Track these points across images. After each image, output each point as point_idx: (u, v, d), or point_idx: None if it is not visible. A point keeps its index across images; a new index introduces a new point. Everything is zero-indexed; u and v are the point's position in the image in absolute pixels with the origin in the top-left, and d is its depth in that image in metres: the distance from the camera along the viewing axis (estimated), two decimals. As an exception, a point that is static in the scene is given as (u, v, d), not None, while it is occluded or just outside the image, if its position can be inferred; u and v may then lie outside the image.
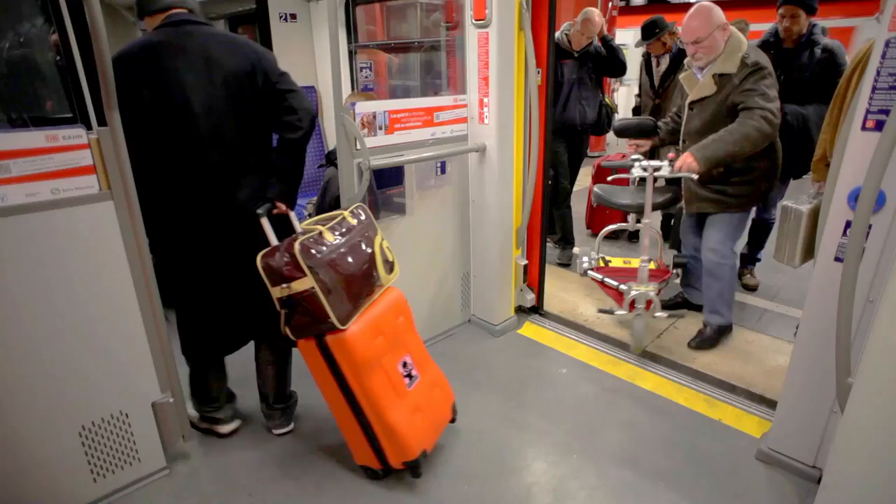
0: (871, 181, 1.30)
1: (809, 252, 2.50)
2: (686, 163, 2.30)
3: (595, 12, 3.47)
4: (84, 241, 1.61)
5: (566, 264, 3.84)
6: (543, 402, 2.34)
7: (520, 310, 3.09)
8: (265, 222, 1.82)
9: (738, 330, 2.83)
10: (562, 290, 3.41)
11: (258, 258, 1.71)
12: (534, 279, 3.11)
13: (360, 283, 1.77)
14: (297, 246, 1.65)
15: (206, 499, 1.87)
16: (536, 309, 3.13)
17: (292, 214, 1.93)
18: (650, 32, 3.49)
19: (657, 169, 2.45)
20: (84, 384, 1.70)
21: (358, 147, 2.15)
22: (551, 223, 3.81)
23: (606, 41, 3.64)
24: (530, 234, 2.97)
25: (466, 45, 2.58)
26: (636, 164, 2.50)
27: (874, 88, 1.49)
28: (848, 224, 1.59)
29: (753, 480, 1.91)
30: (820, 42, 2.89)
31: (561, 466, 1.99)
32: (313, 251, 1.67)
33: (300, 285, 1.66)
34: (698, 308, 2.92)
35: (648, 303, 2.61)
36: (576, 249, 3.89)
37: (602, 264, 3.01)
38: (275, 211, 1.88)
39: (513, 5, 2.45)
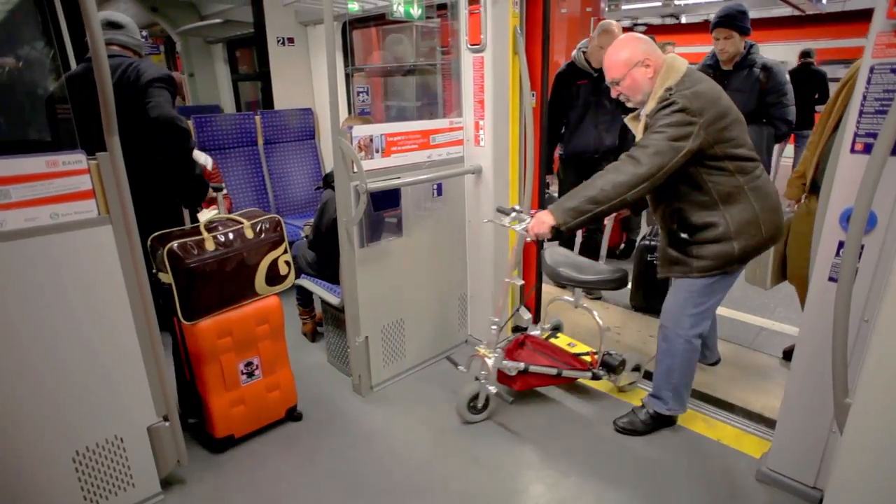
0: (862, 202, 1.33)
1: (781, 272, 2.48)
2: (537, 222, 1.90)
3: (614, 24, 3.17)
4: (82, 265, 1.61)
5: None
6: (540, 423, 2.33)
7: (517, 330, 3.09)
8: None
9: (735, 349, 2.84)
10: (560, 310, 3.41)
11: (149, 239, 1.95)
12: (531, 299, 3.12)
13: (222, 289, 2.03)
14: (172, 245, 1.89)
15: (200, 526, 1.84)
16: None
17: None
18: None
19: (520, 222, 2.06)
20: (80, 408, 1.69)
21: (355, 170, 2.17)
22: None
23: None
24: (527, 255, 2.99)
25: (462, 68, 2.63)
26: (513, 213, 2.13)
27: (861, 113, 1.52)
28: (841, 244, 1.61)
29: (754, 502, 1.89)
30: (758, 62, 2.95)
31: (560, 489, 1.97)
32: (181, 255, 1.91)
33: (164, 278, 1.94)
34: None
35: (500, 374, 2.30)
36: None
37: (545, 337, 2.66)
38: None
39: (507, 30, 2.50)
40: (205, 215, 2.99)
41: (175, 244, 1.90)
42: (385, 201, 2.42)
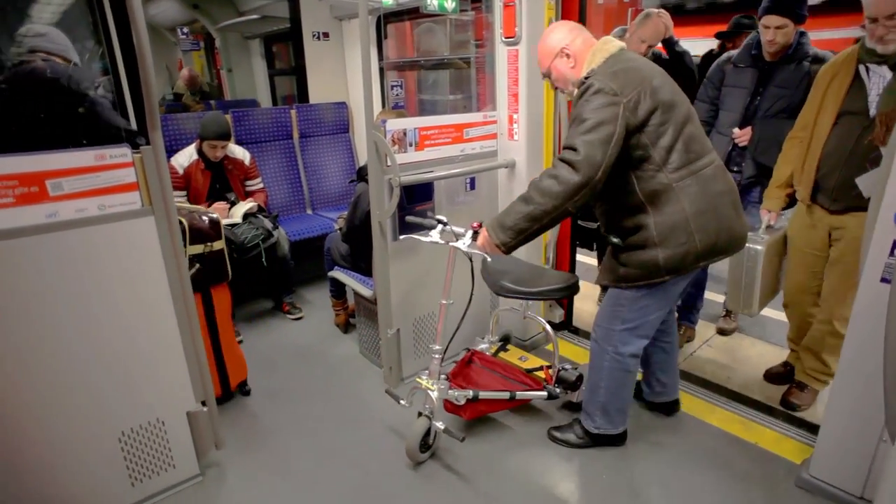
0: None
1: (770, 292, 2.25)
2: (487, 243, 1.77)
3: (662, 12, 2.78)
4: (126, 255, 1.68)
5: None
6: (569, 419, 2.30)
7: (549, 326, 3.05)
8: None
9: (773, 349, 2.74)
10: (593, 306, 3.37)
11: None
12: (565, 302, 3.08)
13: None
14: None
15: (236, 509, 1.90)
16: (566, 325, 3.09)
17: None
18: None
19: (457, 238, 1.94)
20: (125, 391, 1.76)
21: (388, 164, 2.18)
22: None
23: (671, 45, 2.89)
24: (559, 250, 2.95)
25: (496, 62, 2.60)
26: (438, 226, 2.01)
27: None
28: (895, 244, 1.53)
29: (794, 509, 1.83)
30: (809, 53, 2.39)
31: (591, 488, 1.95)
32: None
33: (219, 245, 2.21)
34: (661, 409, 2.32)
35: (447, 402, 2.10)
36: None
37: (493, 351, 2.54)
38: None
39: (542, 23, 2.46)
40: (240, 209, 3.07)
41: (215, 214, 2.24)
42: (418, 195, 2.43)
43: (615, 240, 1.78)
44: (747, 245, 1.87)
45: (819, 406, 2.27)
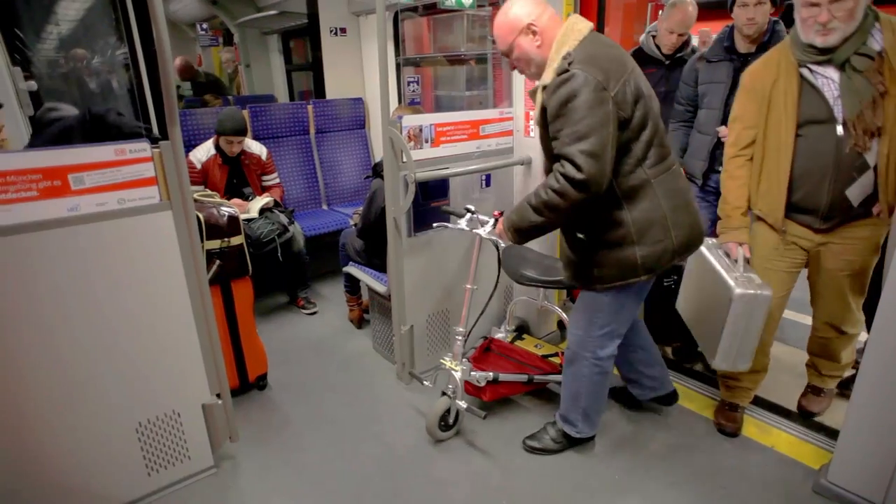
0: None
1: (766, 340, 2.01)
2: (499, 228, 1.75)
3: (686, 9, 2.62)
4: (144, 249, 1.70)
5: None
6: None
7: (563, 325, 3.04)
8: None
9: (791, 351, 2.68)
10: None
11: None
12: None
13: None
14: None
15: (249, 499, 1.92)
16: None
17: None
18: None
19: (482, 225, 2.00)
20: (143, 383, 1.79)
21: (404, 160, 2.18)
22: None
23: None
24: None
25: (513, 57, 2.58)
26: (467, 214, 2.10)
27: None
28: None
29: (811, 515, 1.80)
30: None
31: (604, 494, 1.94)
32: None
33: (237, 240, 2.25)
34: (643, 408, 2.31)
35: (468, 385, 2.16)
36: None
37: (510, 340, 2.59)
38: None
39: (561, 19, 2.43)
40: (257, 203, 3.10)
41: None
42: (433, 191, 2.42)
43: (580, 235, 1.71)
44: (746, 292, 1.71)
45: (835, 411, 2.22)
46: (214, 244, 2.20)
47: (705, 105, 2.47)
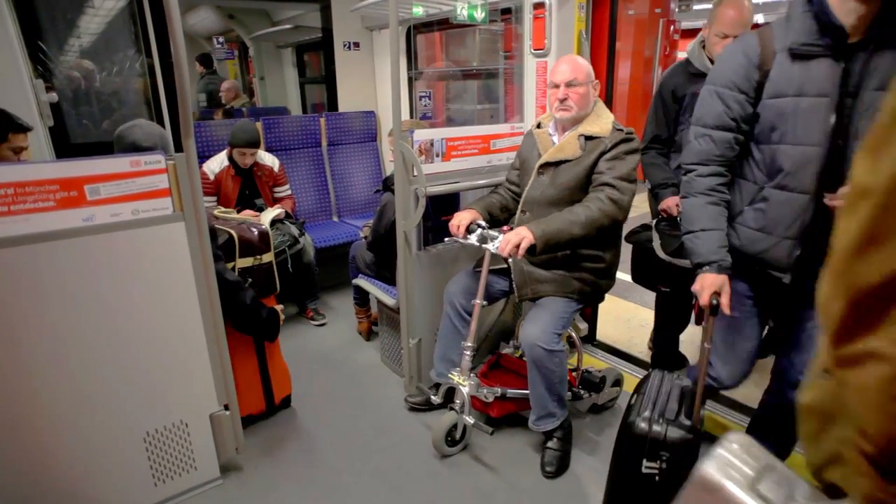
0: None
1: None
2: (518, 238, 1.83)
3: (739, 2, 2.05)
4: (156, 259, 1.72)
5: None
6: (592, 436, 2.26)
7: (571, 341, 3.01)
8: None
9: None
10: (616, 320, 3.31)
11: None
12: (587, 308, 3.03)
13: None
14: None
15: (255, 513, 1.91)
16: (590, 339, 3.05)
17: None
18: None
19: (490, 241, 2.00)
20: (152, 392, 1.80)
21: (415, 174, 2.19)
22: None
23: None
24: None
25: (524, 73, 2.60)
26: (478, 230, 2.07)
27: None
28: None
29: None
30: None
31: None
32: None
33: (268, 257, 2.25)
34: None
35: (475, 400, 2.15)
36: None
37: (518, 355, 2.50)
38: None
39: (572, 34, 2.45)
40: (268, 215, 3.12)
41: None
42: (444, 206, 2.43)
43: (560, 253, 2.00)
44: None
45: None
46: (247, 262, 2.17)
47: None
